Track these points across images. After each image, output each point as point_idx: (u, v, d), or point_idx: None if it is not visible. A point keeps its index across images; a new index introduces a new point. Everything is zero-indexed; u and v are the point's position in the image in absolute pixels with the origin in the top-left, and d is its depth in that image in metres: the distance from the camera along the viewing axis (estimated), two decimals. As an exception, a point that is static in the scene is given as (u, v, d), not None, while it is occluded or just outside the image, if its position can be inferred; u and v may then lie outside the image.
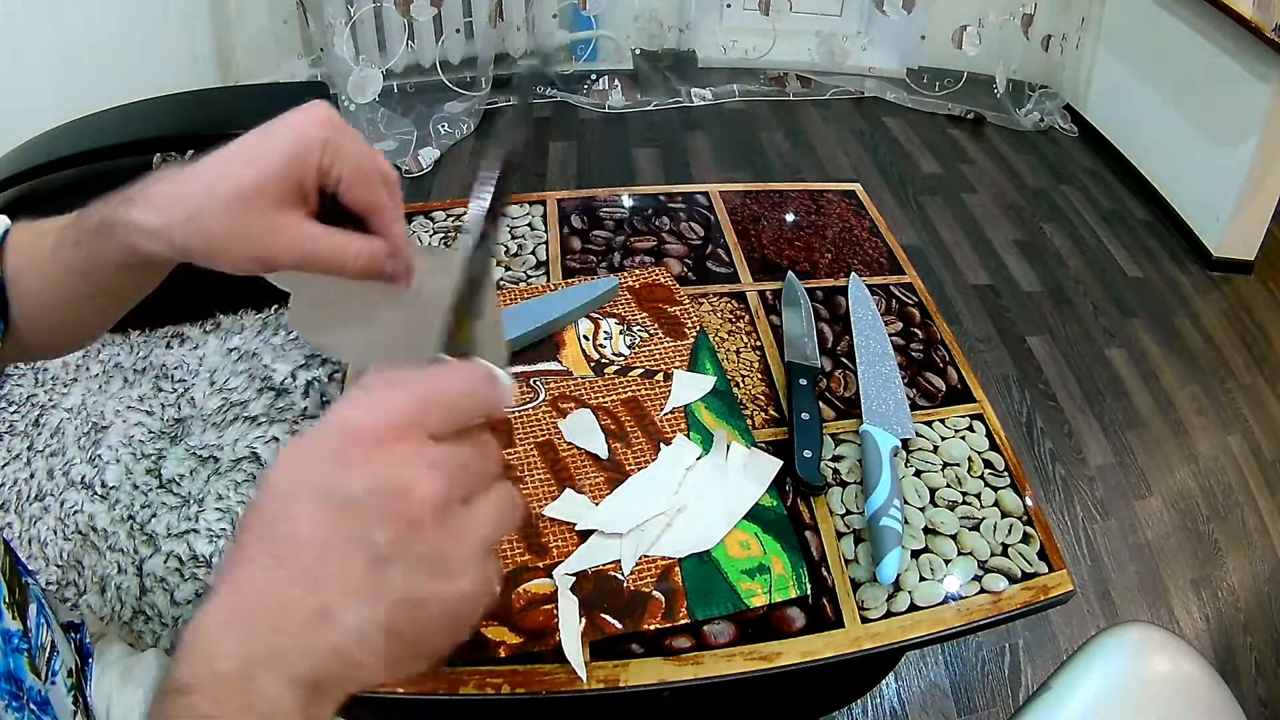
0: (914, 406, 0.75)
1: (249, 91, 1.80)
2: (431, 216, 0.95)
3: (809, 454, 0.68)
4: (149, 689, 0.60)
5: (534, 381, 0.74)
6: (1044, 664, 1.28)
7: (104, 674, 0.60)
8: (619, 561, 0.60)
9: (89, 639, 0.61)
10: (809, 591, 0.60)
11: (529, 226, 0.94)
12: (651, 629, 0.57)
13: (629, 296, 0.84)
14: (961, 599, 0.61)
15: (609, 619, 0.57)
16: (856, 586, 0.61)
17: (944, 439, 0.73)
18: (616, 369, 0.76)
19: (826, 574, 0.62)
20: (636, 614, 0.57)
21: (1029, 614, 0.62)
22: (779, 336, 0.81)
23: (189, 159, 0.41)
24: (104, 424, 0.89)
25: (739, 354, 0.79)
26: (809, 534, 0.64)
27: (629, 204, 0.99)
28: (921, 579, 0.62)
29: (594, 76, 2.78)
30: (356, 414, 0.29)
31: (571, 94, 2.70)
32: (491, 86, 2.56)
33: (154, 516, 0.80)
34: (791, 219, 0.99)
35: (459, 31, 2.56)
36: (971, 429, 0.74)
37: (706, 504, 0.64)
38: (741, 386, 0.76)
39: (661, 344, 0.79)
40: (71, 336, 0.53)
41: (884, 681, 1.23)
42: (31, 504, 0.82)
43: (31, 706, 0.47)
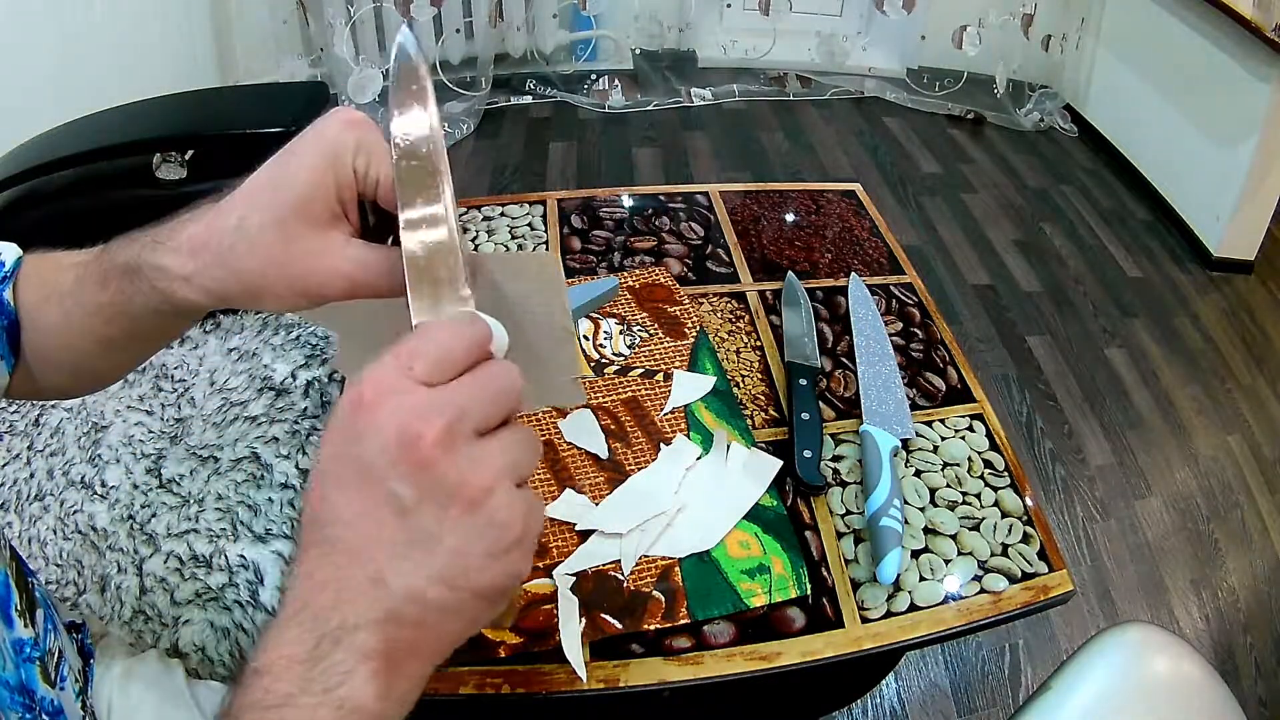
0: (914, 406, 0.75)
1: (249, 91, 1.80)
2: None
3: (809, 454, 0.68)
4: (150, 690, 0.60)
5: (534, 381, 0.74)
6: (1044, 664, 1.28)
7: (105, 675, 0.59)
8: (619, 561, 0.60)
9: (89, 640, 0.61)
10: (809, 591, 0.60)
11: (529, 226, 0.94)
12: (651, 629, 0.57)
13: (629, 296, 0.84)
14: (961, 599, 0.61)
15: (609, 619, 0.57)
16: (856, 586, 0.61)
17: (944, 439, 0.73)
18: (616, 369, 0.76)
19: (826, 574, 0.62)
20: (636, 614, 0.57)
21: (1029, 614, 0.61)
22: (779, 336, 0.81)
23: (189, 159, 0.41)
24: (104, 424, 0.89)
25: (739, 354, 0.79)
26: (809, 534, 0.64)
27: (629, 204, 0.99)
28: (921, 579, 0.62)
29: (594, 76, 2.78)
30: (353, 389, 0.30)
31: (571, 94, 2.70)
32: (491, 86, 2.56)
33: (154, 516, 0.80)
34: (791, 219, 0.99)
35: (459, 31, 2.56)
36: (971, 429, 0.74)
37: (706, 504, 0.64)
38: (741, 386, 0.76)
39: (661, 344, 0.79)
40: (90, 379, 0.49)
41: (884, 681, 1.23)
42: (31, 504, 0.82)
43: (44, 718, 0.47)
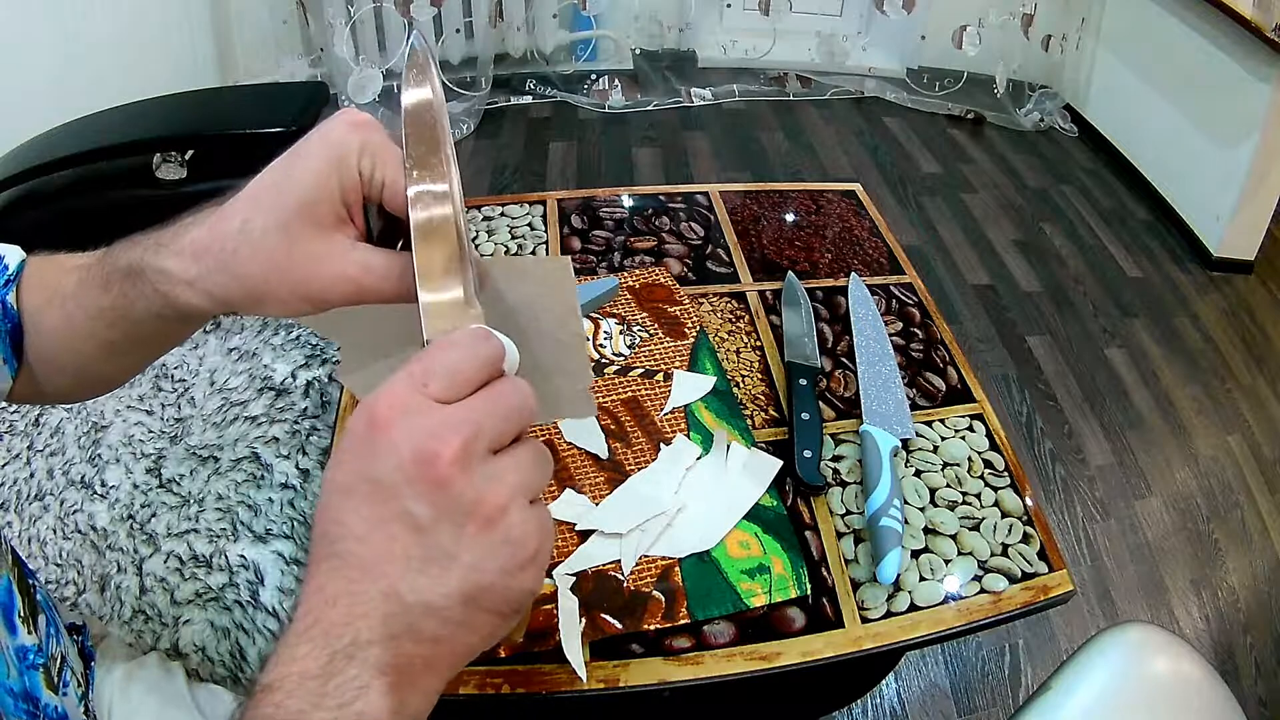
0: (914, 406, 0.75)
1: (249, 91, 1.80)
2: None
3: (809, 454, 0.68)
4: (151, 693, 0.60)
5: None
6: (1044, 664, 1.28)
7: (106, 679, 0.59)
8: (619, 561, 0.60)
9: (90, 642, 0.61)
10: (809, 591, 0.60)
11: (529, 226, 0.94)
12: (651, 629, 0.57)
13: (629, 296, 0.84)
14: (961, 599, 0.61)
15: (609, 619, 0.57)
16: (856, 586, 0.61)
17: (944, 439, 0.73)
18: (616, 369, 0.76)
19: (826, 574, 0.62)
20: (636, 614, 0.57)
21: (1029, 614, 0.62)
22: (779, 336, 0.81)
23: (189, 159, 0.40)
24: (104, 424, 0.89)
25: (739, 354, 0.79)
26: (809, 534, 0.64)
27: (629, 204, 0.99)
28: (921, 579, 0.62)
29: (594, 76, 2.78)
30: (366, 407, 0.30)
31: (571, 94, 2.70)
32: (491, 86, 2.56)
33: (154, 516, 0.80)
34: (791, 219, 0.99)
35: (459, 31, 2.56)
36: (971, 429, 0.74)
37: (706, 504, 0.64)
38: (741, 386, 0.76)
39: (661, 344, 0.79)
40: (94, 383, 0.48)
41: (884, 681, 1.23)
42: (31, 503, 0.82)
43: None
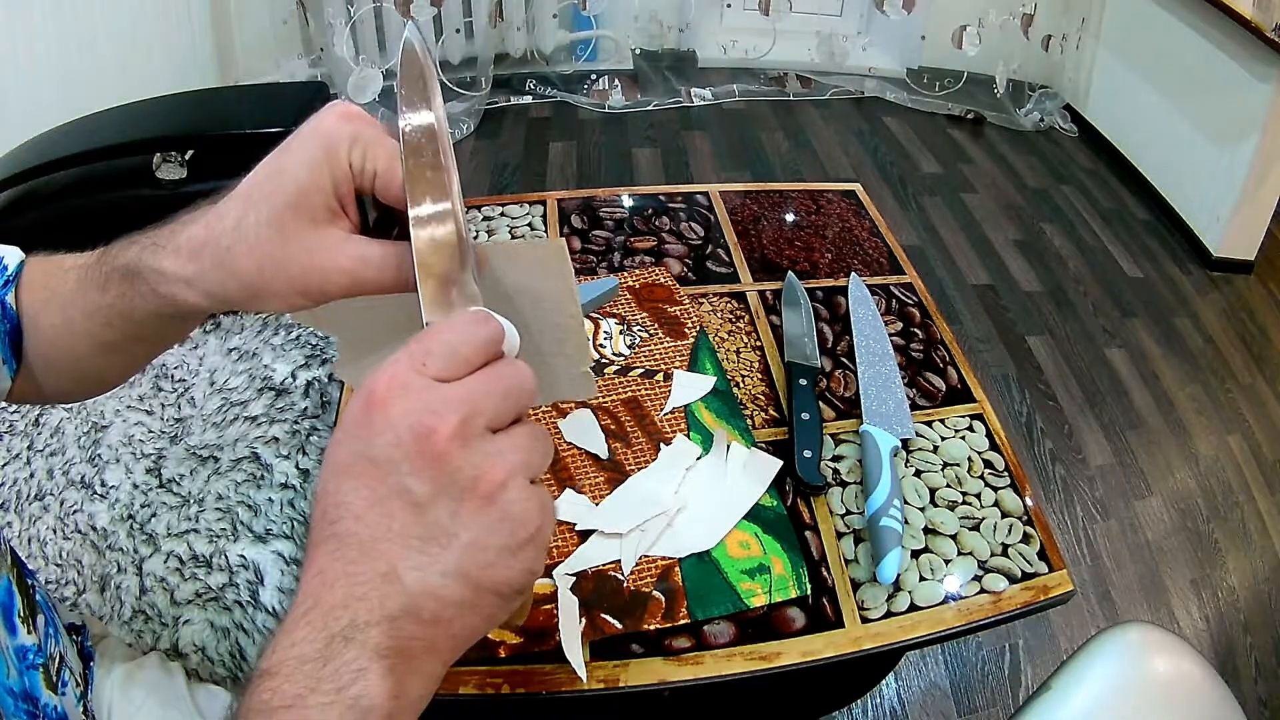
0: (914, 406, 0.75)
1: (249, 91, 1.80)
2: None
3: (809, 454, 0.68)
4: (151, 694, 0.60)
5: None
6: (1044, 664, 1.28)
7: (105, 679, 0.59)
8: (619, 561, 0.60)
9: (89, 642, 0.61)
10: (809, 591, 0.60)
11: (529, 226, 0.94)
12: (651, 629, 0.57)
13: (629, 296, 0.84)
14: (961, 599, 0.61)
15: (609, 619, 0.57)
16: (856, 586, 0.61)
17: (944, 439, 0.73)
18: (616, 369, 0.76)
19: (826, 574, 0.62)
20: (636, 614, 0.57)
21: (1029, 614, 0.61)
22: (779, 336, 0.81)
23: (189, 159, 0.40)
24: (104, 424, 0.89)
25: (739, 354, 0.79)
26: (809, 534, 0.64)
27: (629, 204, 0.99)
28: (921, 579, 0.62)
29: (594, 76, 2.78)
30: (365, 387, 0.30)
31: (571, 94, 2.70)
32: (491, 86, 2.56)
33: (154, 516, 0.80)
34: (791, 219, 0.99)
35: (459, 31, 2.56)
36: (971, 429, 0.74)
37: (706, 504, 0.64)
38: (741, 386, 0.76)
39: (661, 344, 0.79)
40: (93, 382, 0.49)
41: (884, 681, 1.23)
42: (31, 503, 0.82)
43: None
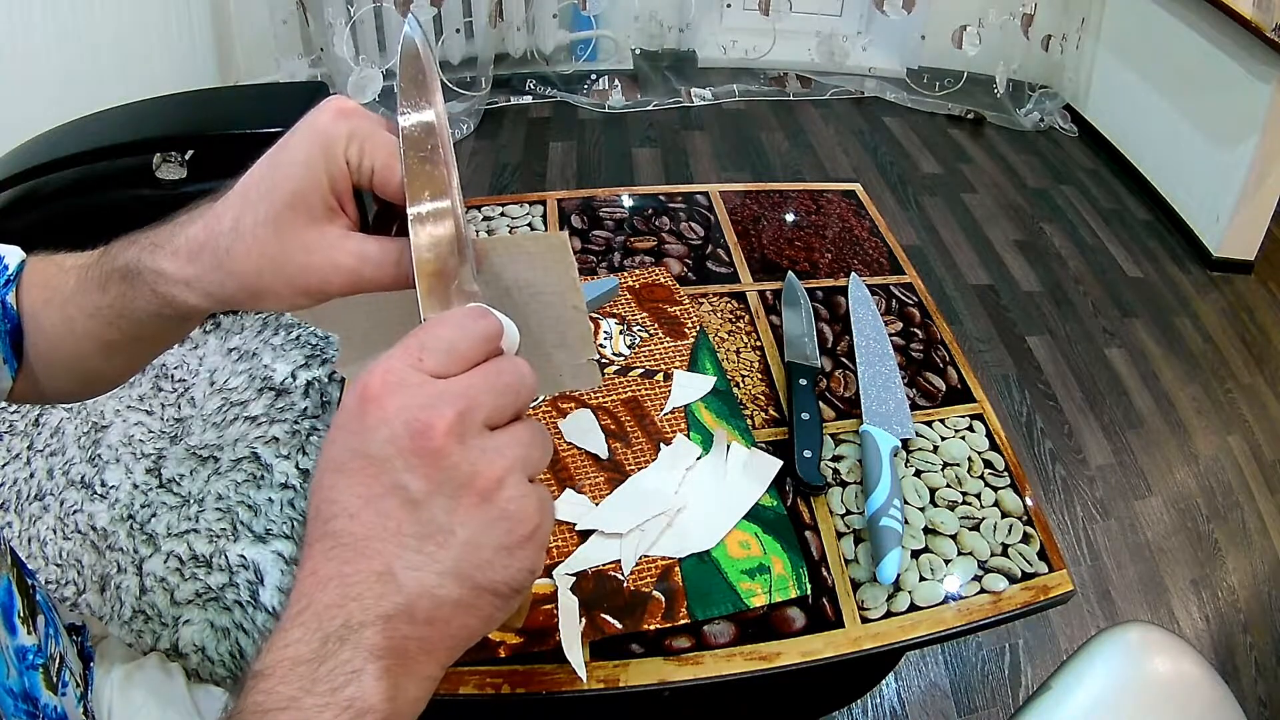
0: (914, 406, 0.75)
1: (249, 91, 1.80)
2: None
3: (809, 454, 0.68)
4: (151, 695, 0.60)
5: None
6: (1044, 664, 1.28)
7: (105, 680, 0.59)
8: (619, 561, 0.60)
9: (89, 643, 0.61)
10: (809, 591, 0.60)
11: (529, 226, 0.94)
12: (651, 629, 0.57)
13: (629, 296, 0.84)
14: (961, 599, 0.61)
15: (609, 619, 0.57)
16: (856, 586, 0.61)
17: (944, 439, 0.73)
18: (616, 369, 0.76)
19: (826, 574, 0.62)
20: (636, 614, 0.57)
21: (1029, 614, 0.62)
22: (779, 336, 0.81)
23: (189, 159, 0.40)
24: (104, 424, 0.89)
25: (739, 354, 0.79)
26: (809, 534, 0.64)
27: (629, 204, 0.99)
28: (921, 579, 0.62)
29: (594, 76, 2.78)
30: (359, 382, 0.30)
31: (571, 94, 2.70)
32: (491, 86, 2.56)
33: (154, 516, 0.80)
34: (791, 219, 0.99)
35: (459, 31, 2.56)
36: (971, 429, 0.74)
37: (706, 504, 0.64)
38: (741, 386, 0.76)
39: (661, 344, 0.79)
40: (94, 382, 0.49)
41: (884, 681, 1.23)
42: (31, 503, 0.82)
43: None
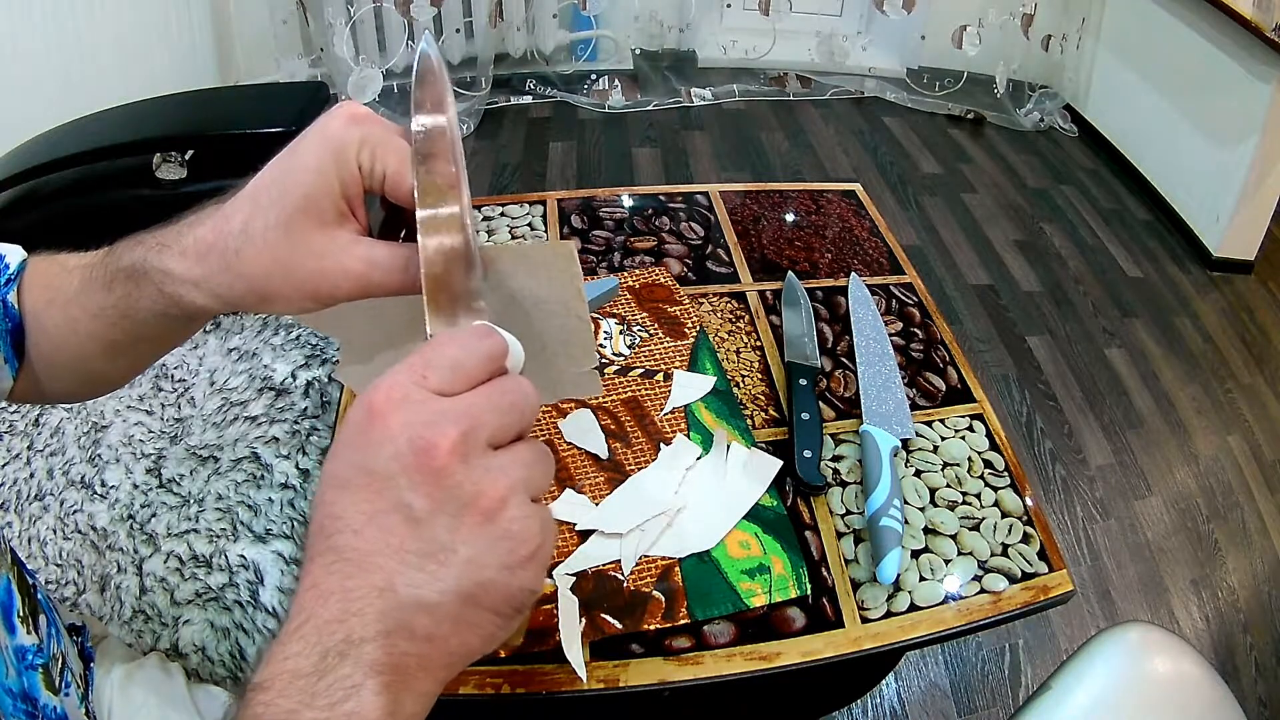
0: (914, 406, 0.75)
1: (249, 91, 1.80)
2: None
3: (809, 454, 0.68)
4: (151, 694, 0.60)
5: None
6: (1044, 664, 1.28)
7: (105, 680, 0.59)
8: (619, 561, 0.60)
9: (90, 643, 0.61)
10: (809, 591, 0.60)
11: (529, 226, 0.94)
12: (651, 629, 0.57)
13: (629, 296, 0.84)
14: (961, 599, 0.61)
15: (609, 619, 0.57)
16: (856, 586, 0.61)
17: (944, 439, 0.73)
18: (616, 369, 0.76)
19: (826, 574, 0.62)
20: (636, 614, 0.57)
21: (1029, 614, 0.62)
22: (779, 336, 0.81)
23: (189, 159, 0.40)
24: (104, 424, 0.89)
25: (739, 354, 0.79)
26: (809, 534, 0.64)
27: (629, 204, 0.99)
28: (921, 579, 0.62)
29: (594, 76, 2.78)
30: (365, 397, 0.30)
31: (571, 94, 2.70)
32: (491, 86, 2.56)
33: (154, 516, 0.80)
34: (791, 219, 0.99)
35: (459, 31, 2.56)
36: (971, 429, 0.74)
37: (706, 504, 0.64)
38: (741, 386, 0.76)
39: (661, 344, 0.79)
40: (96, 383, 0.48)
41: (884, 681, 1.23)
42: (31, 503, 0.82)
43: None
